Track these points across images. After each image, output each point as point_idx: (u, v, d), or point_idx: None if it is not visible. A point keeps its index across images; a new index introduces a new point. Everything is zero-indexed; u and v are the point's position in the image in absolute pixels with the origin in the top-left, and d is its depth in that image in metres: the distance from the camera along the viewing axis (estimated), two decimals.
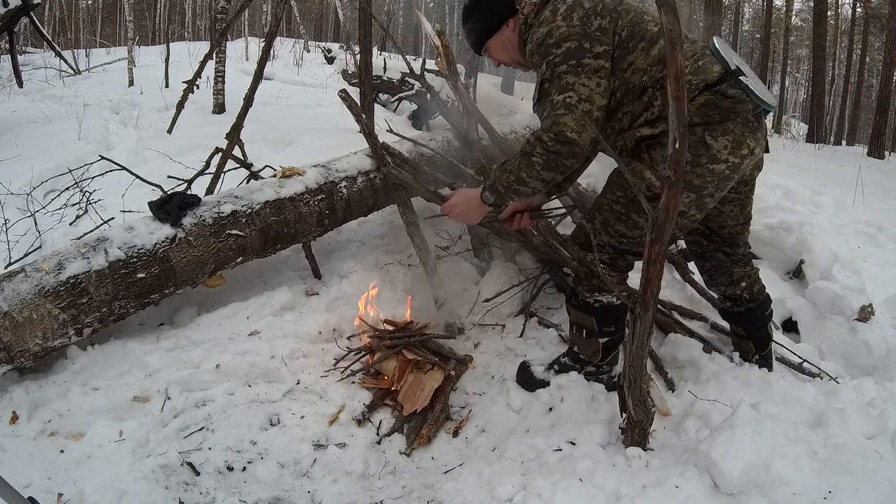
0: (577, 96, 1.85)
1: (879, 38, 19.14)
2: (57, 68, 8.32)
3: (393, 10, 21.24)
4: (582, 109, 1.84)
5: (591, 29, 1.88)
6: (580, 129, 1.84)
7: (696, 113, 1.86)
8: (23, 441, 1.95)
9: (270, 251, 2.86)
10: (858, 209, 4.74)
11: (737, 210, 2.18)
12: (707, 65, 1.90)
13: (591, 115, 1.86)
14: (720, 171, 1.90)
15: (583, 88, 1.86)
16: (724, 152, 1.88)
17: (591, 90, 1.86)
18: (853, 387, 2.20)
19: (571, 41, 1.87)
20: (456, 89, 3.57)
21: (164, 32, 17.93)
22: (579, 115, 1.83)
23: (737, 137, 1.88)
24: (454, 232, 3.59)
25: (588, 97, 1.86)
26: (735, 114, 1.87)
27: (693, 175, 1.90)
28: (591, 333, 2.20)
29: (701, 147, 1.88)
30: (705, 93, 1.86)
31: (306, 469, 1.97)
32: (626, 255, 2.09)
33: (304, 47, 12.95)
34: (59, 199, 3.76)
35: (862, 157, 10.53)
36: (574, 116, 1.84)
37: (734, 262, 2.28)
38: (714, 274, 2.34)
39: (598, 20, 1.90)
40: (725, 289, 2.34)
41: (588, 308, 2.16)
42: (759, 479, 1.63)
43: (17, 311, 2.10)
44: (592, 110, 1.86)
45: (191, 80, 4.74)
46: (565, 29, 1.88)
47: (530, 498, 1.69)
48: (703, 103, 1.87)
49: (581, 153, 1.88)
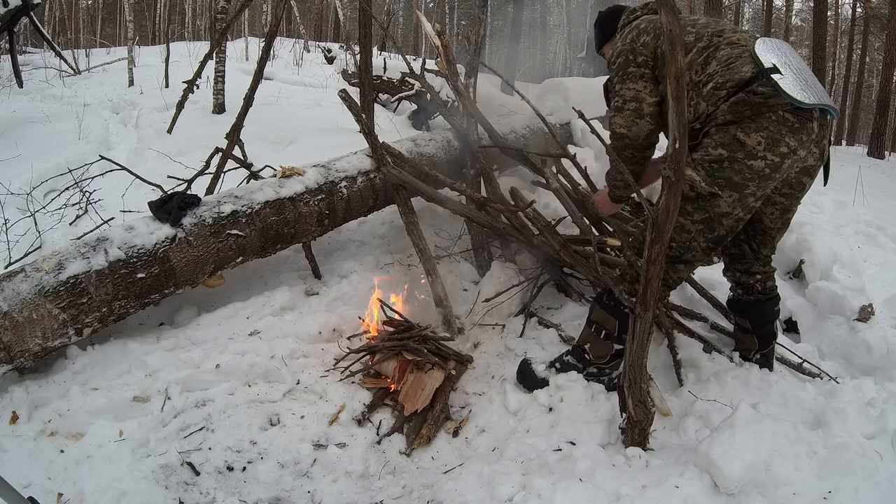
0: (621, 100, 2.22)
1: (879, 38, 19.15)
2: (57, 68, 8.32)
3: (393, 10, 21.23)
4: (628, 108, 2.20)
5: (637, 45, 2.20)
6: (628, 125, 2.22)
7: (728, 111, 1.92)
8: (23, 441, 1.95)
9: (270, 251, 2.85)
10: (858, 209, 4.74)
11: (777, 213, 2.19)
12: (738, 66, 1.94)
13: (640, 111, 2.19)
14: (759, 168, 1.91)
15: (627, 91, 2.20)
16: (759, 148, 1.90)
17: (636, 91, 2.19)
18: (853, 387, 2.21)
19: (622, 56, 2.22)
20: (456, 89, 3.57)
21: (164, 32, 17.92)
22: (626, 114, 2.21)
23: (772, 134, 1.89)
24: (454, 232, 3.59)
25: (634, 97, 2.19)
26: (767, 108, 1.88)
27: (732, 172, 1.92)
28: (609, 336, 2.20)
29: (735, 144, 1.91)
30: (737, 93, 1.91)
31: (306, 469, 1.97)
32: (676, 265, 2.10)
33: (304, 47, 12.96)
34: (59, 199, 3.75)
35: (862, 157, 10.55)
36: (622, 115, 2.22)
37: (756, 259, 2.32)
38: (735, 259, 2.38)
39: (644, 37, 2.20)
40: (741, 276, 2.38)
41: (617, 310, 2.17)
42: (759, 479, 1.63)
43: (17, 311, 2.10)
44: (642, 107, 2.19)
45: (191, 80, 4.74)
46: (620, 47, 2.26)
47: (530, 498, 1.69)
48: (734, 102, 1.91)
49: (635, 143, 2.24)
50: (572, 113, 4.01)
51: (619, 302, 2.14)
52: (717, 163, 1.93)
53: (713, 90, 1.96)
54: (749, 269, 2.35)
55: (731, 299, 2.49)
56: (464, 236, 3.49)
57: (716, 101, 1.95)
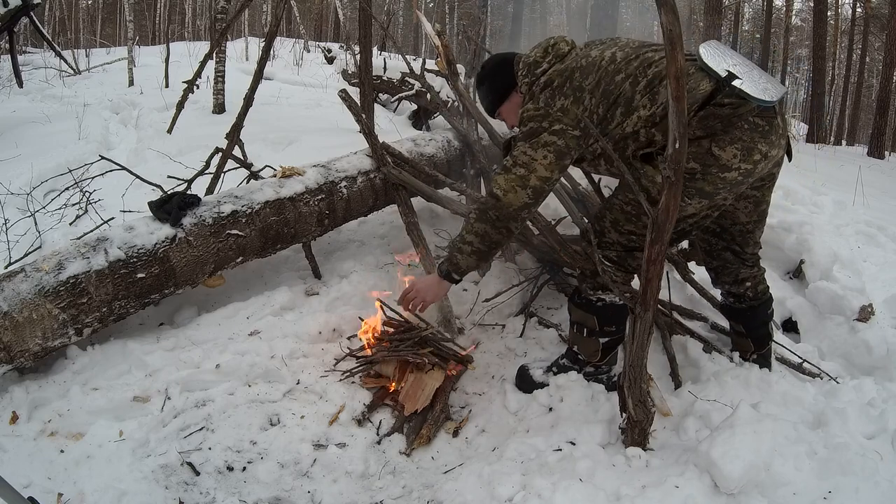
0: (512, 160, 1.99)
1: (879, 38, 19.14)
2: (57, 68, 8.33)
3: (393, 10, 21.22)
4: (515, 173, 1.97)
5: (552, 109, 1.98)
6: (507, 189, 1.97)
7: (698, 127, 1.84)
8: (23, 441, 1.95)
9: (270, 251, 2.85)
10: (858, 209, 4.74)
11: (751, 207, 2.16)
12: (693, 85, 1.85)
13: (525, 180, 1.96)
14: (732, 178, 1.89)
15: (522, 156, 1.97)
16: (734, 161, 1.85)
17: (531, 158, 1.96)
18: (853, 387, 2.20)
19: (534, 122, 1.99)
20: (456, 89, 3.57)
21: (164, 32, 17.93)
22: (511, 177, 1.97)
23: (746, 144, 1.85)
24: (454, 232, 3.59)
25: (526, 164, 1.96)
26: (738, 118, 1.84)
27: (704, 183, 1.89)
28: (591, 332, 2.21)
29: (710, 158, 1.86)
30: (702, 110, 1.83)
31: (306, 469, 1.97)
32: (634, 253, 2.09)
33: (304, 47, 12.96)
34: (59, 199, 3.75)
35: (862, 157, 10.54)
36: (506, 176, 1.98)
37: (742, 262, 2.28)
38: (720, 272, 2.35)
39: (561, 101, 1.99)
40: (730, 287, 2.35)
41: (590, 306, 2.18)
42: (759, 479, 1.63)
43: (17, 310, 2.10)
44: (529, 177, 1.96)
45: (191, 80, 4.74)
46: (532, 111, 2.01)
47: (530, 498, 1.69)
48: (703, 117, 1.84)
49: (504, 210, 1.99)
50: None
51: (588, 298, 2.17)
52: (690, 174, 1.86)
53: None
54: (737, 277, 2.30)
55: (724, 307, 2.49)
56: None
57: None
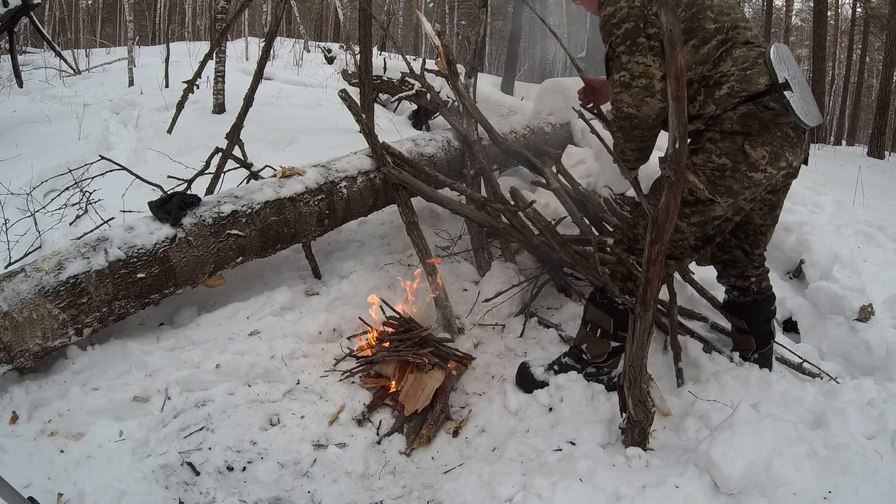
0: (629, 74, 1.96)
1: (879, 38, 19.14)
2: (57, 68, 8.33)
3: (393, 10, 21.22)
4: (637, 85, 1.95)
5: (649, 12, 1.93)
6: (638, 104, 1.97)
7: (737, 122, 1.91)
8: (23, 441, 1.95)
9: (270, 251, 2.85)
10: (858, 209, 4.74)
11: (766, 210, 2.22)
12: (754, 75, 1.91)
13: (650, 88, 1.95)
14: (758, 179, 1.93)
15: (636, 66, 1.94)
16: (762, 162, 1.91)
17: (646, 66, 1.94)
18: (853, 387, 2.21)
19: (630, 22, 1.94)
20: (456, 89, 3.57)
21: (164, 32, 17.93)
22: (635, 91, 1.96)
23: (775, 149, 1.91)
24: (454, 232, 3.59)
25: (643, 73, 1.94)
26: (775, 125, 1.90)
27: (733, 181, 1.93)
28: (605, 334, 2.21)
29: (740, 155, 1.91)
30: (748, 103, 1.89)
31: (306, 469, 1.97)
32: (668, 262, 2.10)
33: (304, 47, 12.96)
34: (59, 199, 3.75)
35: (862, 157, 10.55)
36: (630, 93, 1.97)
37: (750, 262, 2.33)
38: (728, 266, 2.38)
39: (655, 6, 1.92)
40: (735, 280, 2.39)
41: (611, 308, 2.18)
42: (759, 479, 1.63)
43: (17, 310, 2.10)
44: (652, 83, 1.95)
45: (191, 80, 4.73)
46: (626, 10, 1.95)
47: (530, 498, 1.69)
48: (745, 113, 1.90)
49: (644, 124, 2.02)
50: (572, 113, 4.01)
51: (612, 300, 2.16)
52: (720, 171, 1.93)
53: (727, 96, 1.93)
54: (743, 272, 2.36)
55: (727, 301, 2.50)
56: (464, 236, 3.49)
57: (725, 107, 1.93)
